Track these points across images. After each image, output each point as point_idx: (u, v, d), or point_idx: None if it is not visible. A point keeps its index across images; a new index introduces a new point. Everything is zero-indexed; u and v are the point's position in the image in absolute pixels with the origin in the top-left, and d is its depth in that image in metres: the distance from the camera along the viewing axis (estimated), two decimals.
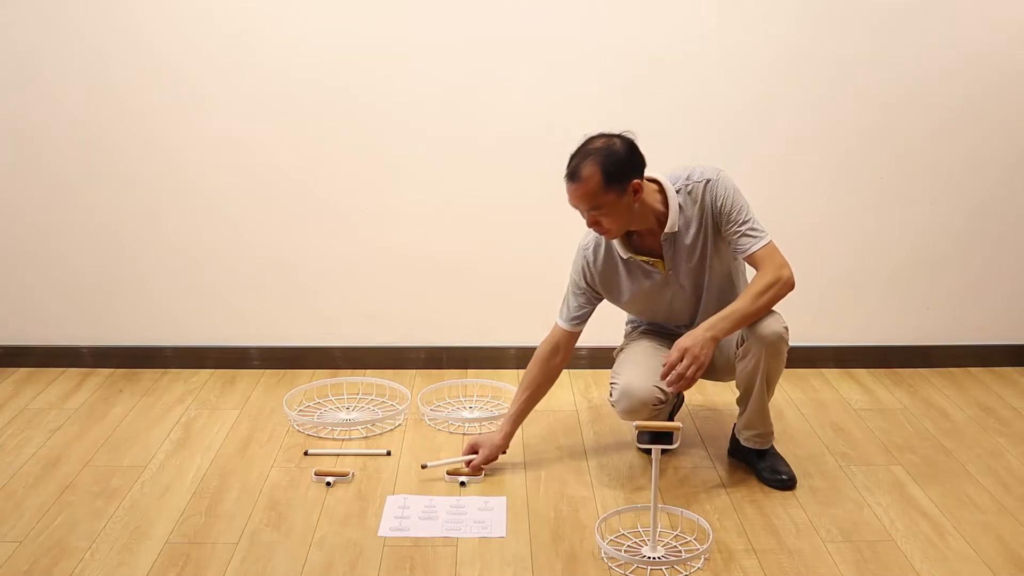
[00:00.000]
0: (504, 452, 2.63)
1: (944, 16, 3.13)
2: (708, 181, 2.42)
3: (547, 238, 3.27)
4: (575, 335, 2.62)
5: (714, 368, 2.58)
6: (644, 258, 2.46)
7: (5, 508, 2.44)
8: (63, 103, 3.17)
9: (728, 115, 3.19)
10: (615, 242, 2.47)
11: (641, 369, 2.50)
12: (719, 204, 2.41)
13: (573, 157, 2.34)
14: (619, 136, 2.35)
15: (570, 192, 2.32)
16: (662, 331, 2.67)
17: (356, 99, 3.17)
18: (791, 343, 2.48)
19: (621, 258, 2.49)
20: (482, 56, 3.13)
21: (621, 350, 2.70)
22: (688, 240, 2.44)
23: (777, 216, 3.24)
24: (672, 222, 2.41)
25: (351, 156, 3.23)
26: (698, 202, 2.42)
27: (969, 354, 3.46)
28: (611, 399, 2.54)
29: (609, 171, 2.29)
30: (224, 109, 3.17)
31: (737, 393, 2.59)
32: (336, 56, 3.13)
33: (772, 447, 2.62)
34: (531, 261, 3.31)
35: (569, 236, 2.59)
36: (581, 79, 3.15)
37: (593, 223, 2.36)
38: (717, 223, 2.43)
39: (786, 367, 3.34)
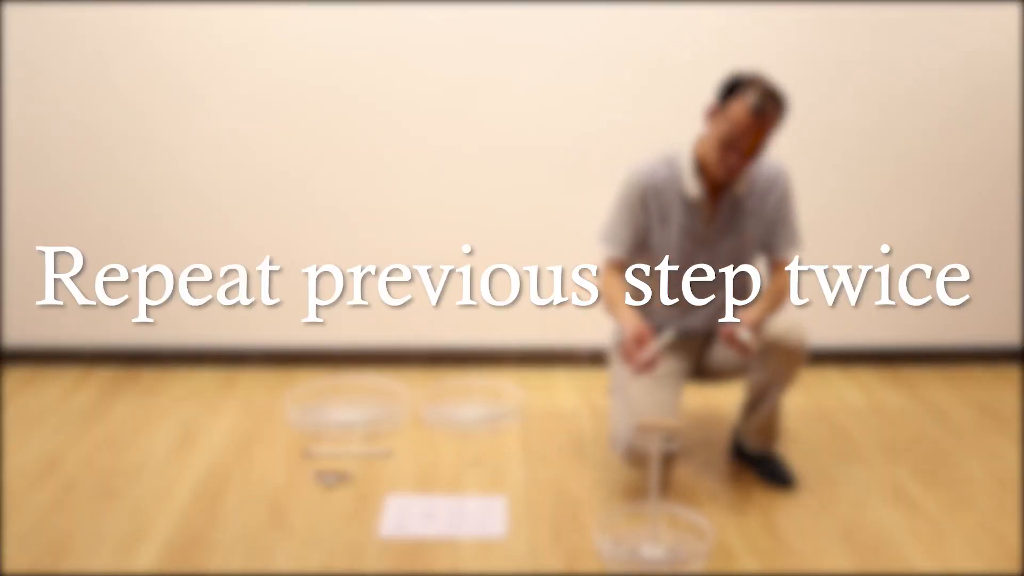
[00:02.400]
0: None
1: (944, 16, 3.13)
2: (784, 170, 2.50)
3: (547, 238, 3.27)
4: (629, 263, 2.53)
5: (713, 370, 2.58)
6: (705, 207, 2.44)
7: (5, 508, 2.44)
8: (63, 103, 3.17)
9: None
10: (687, 179, 2.43)
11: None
12: (785, 196, 2.49)
13: (757, 86, 2.27)
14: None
15: (752, 124, 2.26)
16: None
17: (356, 100, 3.17)
18: None
19: (683, 198, 2.44)
20: (482, 58, 3.13)
21: (614, 382, 2.60)
22: (745, 209, 2.46)
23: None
24: (745, 183, 2.44)
25: (351, 156, 3.23)
26: (770, 182, 2.47)
27: (969, 354, 3.46)
28: (615, 451, 2.47)
29: (784, 115, 2.32)
30: (223, 110, 3.17)
31: (743, 394, 2.58)
32: (336, 58, 3.13)
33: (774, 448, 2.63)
34: (532, 261, 3.31)
35: (569, 236, 2.60)
36: (581, 81, 3.15)
37: (737, 160, 2.31)
38: (773, 209, 2.48)
39: None
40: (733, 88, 2.31)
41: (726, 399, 3.10)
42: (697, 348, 2.61)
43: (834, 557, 2.23)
